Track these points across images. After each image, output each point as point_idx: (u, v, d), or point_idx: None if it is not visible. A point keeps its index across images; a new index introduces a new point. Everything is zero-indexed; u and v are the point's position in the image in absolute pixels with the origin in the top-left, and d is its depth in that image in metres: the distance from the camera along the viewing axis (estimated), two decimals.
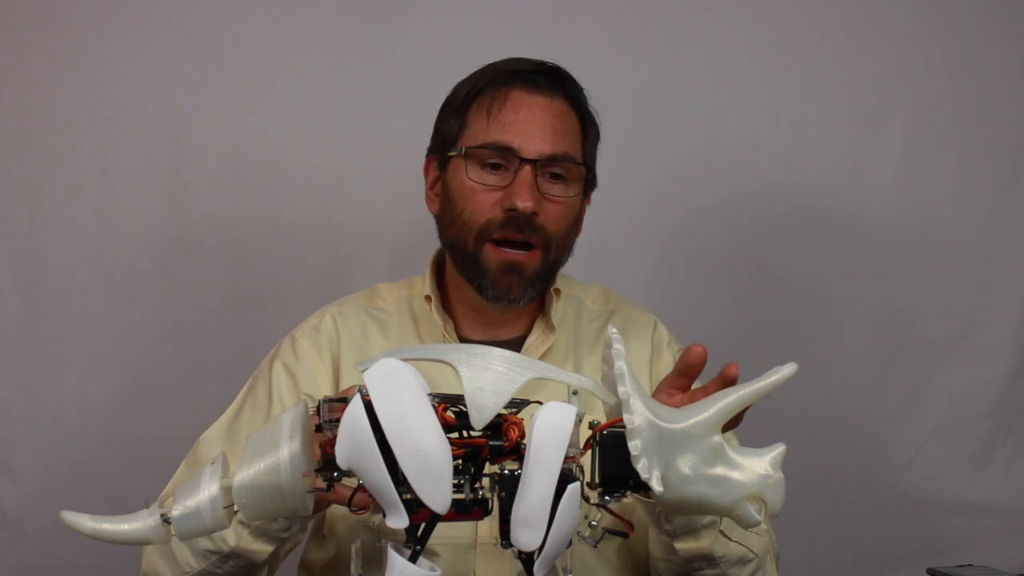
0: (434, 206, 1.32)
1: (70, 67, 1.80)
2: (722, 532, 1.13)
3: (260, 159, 1.83)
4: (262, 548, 1.12)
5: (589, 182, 1.32)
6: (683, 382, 1.02)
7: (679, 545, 1.13)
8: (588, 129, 1.30)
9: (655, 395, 1.02)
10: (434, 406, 0.78)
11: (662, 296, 1.81)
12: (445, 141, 1.29)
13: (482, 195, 1.23)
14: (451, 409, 0.80)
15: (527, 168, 1.22)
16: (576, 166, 1.26)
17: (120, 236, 1.81)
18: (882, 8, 1.89)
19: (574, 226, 1.29)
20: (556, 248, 1.25)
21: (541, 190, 1.23)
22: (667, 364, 1.34)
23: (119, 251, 1.81)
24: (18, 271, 1.80)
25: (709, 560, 1.13)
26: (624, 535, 0.88)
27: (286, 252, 1.83)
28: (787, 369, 0.84)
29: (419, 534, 0.80)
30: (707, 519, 1.11)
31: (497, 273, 1.24)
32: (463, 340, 1.30)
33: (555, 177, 1.25)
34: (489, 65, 1.30)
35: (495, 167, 1.24)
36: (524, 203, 1.20)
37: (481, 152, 1.24)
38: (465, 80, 1.30)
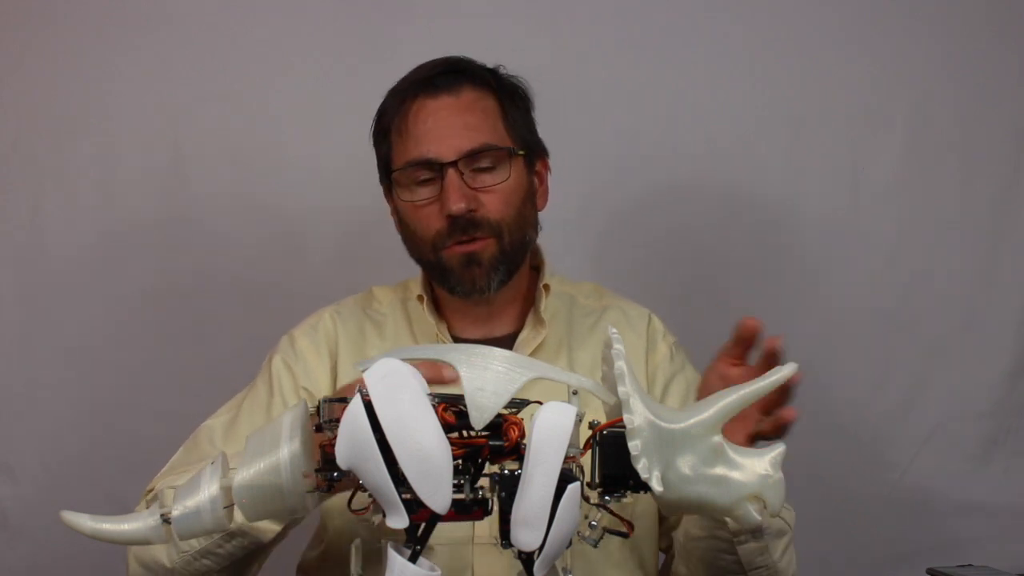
0: (398, 228, 1.35)
1: (70, 67, 1.81)
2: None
3: (260, 159, 1.83)
4: (269, 527, 1.10)
5: (530, 154, 1.32)
6: (739, 350, 1.06)
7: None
8: (508, 105, 1.31)
9: (713, 365, 1.08)
10: (434, 406, 0.78)
11: (666, 293, 1.80)
12: (382, 169, 1.33)
13: (423, 211, 1.27)
14: (451, 409, 0.80)
15: (450, 172, 1.24)
16: (499, 151, 1.27)
17: (120, 236, 1.81)
18: (882, 8, 1.89)
19: (524, 204, 1.30)
20: (508, 230, 1.27)
21: (472, 186, 1.25)
22: (663, 356, 1.35)
23: (119, 251, 1.81)
24: (18, 271, 1.80)
25: (756, 533, 1.14)
26: (624, 535, 0.88)
27: (287, 252, 1.83)
28: (787, 369, 0.84)
29: (419, 534, 0.80)
30: None
31: (459, 269, 1.27)
32: (456, 339, 1.32)
33: (484, 168, 1.26)
34: (397, 83, 1.32)
35: (426, 180, 1.26)
36: (456, 205, 1.23)
37: (405, 173, 1.27)
38: (380, 104, 1.33)
